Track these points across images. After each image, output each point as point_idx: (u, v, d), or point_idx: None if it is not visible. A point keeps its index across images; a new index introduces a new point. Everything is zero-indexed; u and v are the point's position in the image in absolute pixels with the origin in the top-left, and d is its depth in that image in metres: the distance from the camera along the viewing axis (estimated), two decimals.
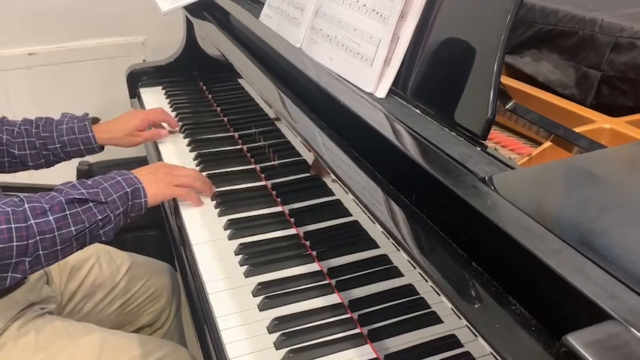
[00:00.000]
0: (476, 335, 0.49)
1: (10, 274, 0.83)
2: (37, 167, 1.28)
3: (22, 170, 1.27)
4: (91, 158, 1.73)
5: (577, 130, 0.79)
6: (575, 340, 0.39)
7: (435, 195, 0.62)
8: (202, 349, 0.87)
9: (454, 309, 0.52)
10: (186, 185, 1.10)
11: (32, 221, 0.84)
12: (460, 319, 0.51)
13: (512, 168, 0.64)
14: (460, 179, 0.61)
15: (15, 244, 0.82)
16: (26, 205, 0.85)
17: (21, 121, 1.25)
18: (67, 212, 0.87)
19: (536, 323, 0.48)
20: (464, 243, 0.58)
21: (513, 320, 0.48)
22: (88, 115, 1.31)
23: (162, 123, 1.44)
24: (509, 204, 0.55)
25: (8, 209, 0.83)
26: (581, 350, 0.38)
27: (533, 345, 0.46)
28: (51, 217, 0.86)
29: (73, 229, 0.88)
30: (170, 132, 1.45)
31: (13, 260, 0.82)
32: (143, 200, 0.99)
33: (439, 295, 0.55)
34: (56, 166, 1.34)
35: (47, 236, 0.85)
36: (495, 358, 0.46)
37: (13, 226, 0.82)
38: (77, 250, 0.92)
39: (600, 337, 0.40)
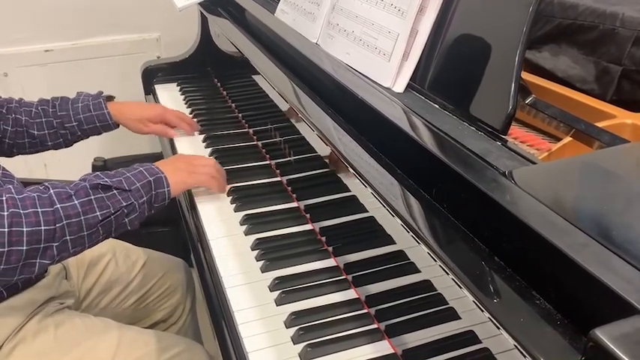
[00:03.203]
0: (499, 328, 0.49)
1: (38, 261, 0.84)
2: (56, 147, 1.29)
3: (42, 150, 1.29)
4: (106, 154, 1.75)
5: (598, 125, 0.78)
6: (602, 334, 0.39)
7: (456, 189, 0.62)
8: (220, 343, 0.87)
9: (478, 303, 0.52)
10: (206, 173, 1.11)
11: (58, 205, 0.85)
12: (483, 311, 0.51)
13: (533, 163, 0.64)
14: (481, 173, 0.61)
15: (43, 228, 0.82)
16: (51, 191, 0.86)
17: (37, 101, 1.27)
18: (92, 197, 0.88)
19: (562, 318, 0.47)
20: (486, 237, 0.57)
21: (538, 315, 0.48)
22: (102, 92, 1.33)
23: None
24: (532, 198, 0.55)
25: (34, 195, 0.84)
26: (609, 344, 0.38)
27: (558, 339, 0.45)
28: (76, 202, 0.86)
29: (98, 214, 0.88)
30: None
31: (42, 245, 0.83)
32: (166, 190, 0.99)
33: (461, 288, 0.55)
34: (72, 162, 1.35)
35: (73, 220, 0.86)
36: (521, 352, 0.46)
37: (39, 210, 0.83)
38: (103, 239, 0.92)
39: (628, 331, 0.39)
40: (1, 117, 1.20)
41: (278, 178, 1.23)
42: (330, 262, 0.97)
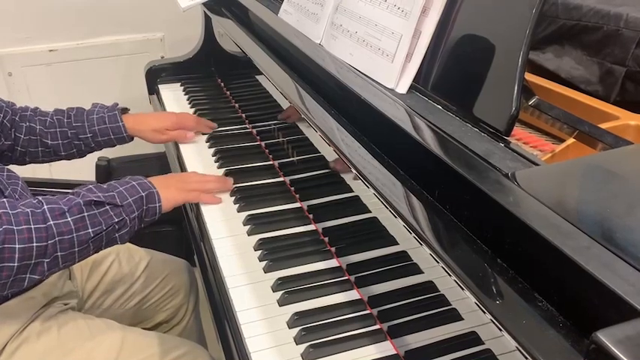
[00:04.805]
0: (501, 330, 0.49)
1: (28, 276, 0.84)
2: (69, 157, 1.29)
3: (55, 160, 1.29)
4: (110, 154, 1.75)
5: (601, 126, 0.78)
6: (605, 337, 0.39)
7: (459, 191, 0.61)
8: (222, 343, 0.87)
9: (480, 305, 0.52)
10: (197, 190, 1.11)
11: (51, 222, 0.84)
12: (485, 313, 0.51)
13: (536, 164, 0.64)
14: (484, 175, 0.60)
15: (35, 244, 0.82)
16: (45, 207, 0.86)
17: (53, 111, 1.27)
18: (85, 214, 0.88)
19: (564, 320, 0.47)
20: (488, 239, 0.57)
21: (540, 317, 0.48)
22: (118, 105, 1.33)
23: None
24: (535, 200, 0.55)
25: (28, 210, 0.84)
26: (611, 347, 0.38)
27: (561, 342, 0.45)
28: (69, 219, 0.86)
29: (90, 230, 0.88)
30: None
31: (33, 261, 0.83)
32: (157, 205, 1.00)
33: (463, 289, 0.55)
34: (76, 161, 1.35)
35: (66, 237, 0.86)
36: (523, 354, 0.46)
37: (32, 226, 0.82)
38: (93, 254, 0.93)
39: (631, 334, 0.39)
40: (14, 125, 1.20)
41: (281, 179, 1.23)
42: (332, 263, 0.97)
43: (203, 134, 1.44)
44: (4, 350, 0.94)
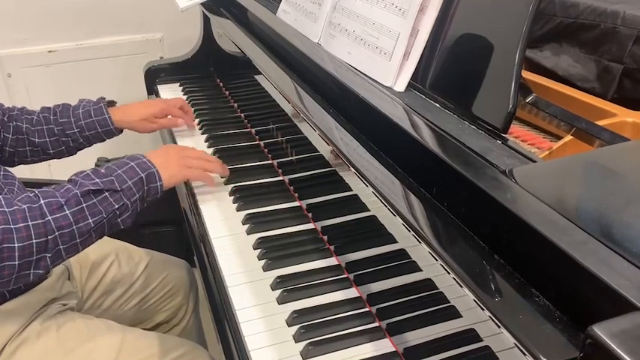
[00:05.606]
0: (499, 326, 0.49)
1: (32, 271, 0.83)
2: (58, 155, 1.28)
3: (44, 159, 1.28)
4: (110, 154, 1.75)
5: (599, 124, 0.78)
6: (601, 330, 0.39)
7: (457, 188, 0.62)
8: (222, 341, 0.87)
9: (477, 301, 0.52)
10: (198, 167, 1.11)
11: (49, 217, 0.83)
12: (483, 310, 0.51)
13: (533, 161, 0.64)
14: (482, 172, 0.61)
15: (34, 241, 0.81)
16: (42, 201, 0.84)
17: (40, 109, 1.26)
18: (84, 205, 0.87)
19: (560, 315, 0.48)
20: (486, 235, 0.58)
21: (537, 312, 0.48)
22: (104, 98, 1.32)
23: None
24: (532, 196, 0.55)
25: (24, 206, 0.83)
26: (607, 340, 0.38)
27: (557, 336, 0.46)
28: (68, 212, 0.85)
29: (90, 221, 0.87)
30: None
31: (34, 257, 0.82)
32: (159, 184, 0.98)
33: (461, 287, 0.55)
34: (75, 161, 1.35)
35: (66, 231, 0.85)
36: (520, 349, 0.46)
37: (30, 223, 0.81)
38: (97, 240, 0.92)
39: (626, 327, 0.40)
40: (2, 125, 1.19)
41: (280, 178, 1.23)
42: (331, 261, 0.97)
43: (202, 134, 1.44)
44: (3, 351, 0.94)
